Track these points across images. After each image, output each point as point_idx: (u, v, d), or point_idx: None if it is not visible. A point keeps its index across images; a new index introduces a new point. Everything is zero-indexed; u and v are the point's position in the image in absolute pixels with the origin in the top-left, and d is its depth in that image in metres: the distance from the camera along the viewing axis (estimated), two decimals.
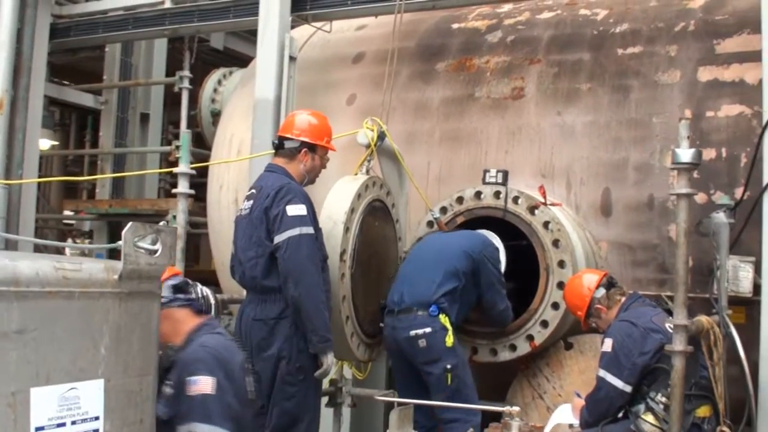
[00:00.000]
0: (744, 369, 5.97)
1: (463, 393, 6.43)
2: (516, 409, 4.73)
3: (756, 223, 6.31)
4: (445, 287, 6.51)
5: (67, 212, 14.45)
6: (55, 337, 3.10)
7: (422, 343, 6.40)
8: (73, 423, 3.12)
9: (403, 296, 6.56)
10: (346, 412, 7.32)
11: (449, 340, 6.42)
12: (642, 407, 5.58)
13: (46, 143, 13.66)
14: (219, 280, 9.24)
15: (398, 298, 6.58)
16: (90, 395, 3.19)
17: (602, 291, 6.18)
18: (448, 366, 6.36)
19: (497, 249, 6.94)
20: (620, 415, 5.74)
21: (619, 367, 5.62)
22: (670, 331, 5.44)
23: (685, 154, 5.06)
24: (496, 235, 7.04)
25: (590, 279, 6.29)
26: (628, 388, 5.61)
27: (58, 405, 3.09)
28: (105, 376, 3.26)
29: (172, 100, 14.06)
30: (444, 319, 6.44)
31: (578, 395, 6.20)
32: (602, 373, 5.70)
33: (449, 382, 6.37)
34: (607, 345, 5.72)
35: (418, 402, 6.02)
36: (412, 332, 6.42)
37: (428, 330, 6.38)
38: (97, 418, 3.21)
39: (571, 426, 5.94)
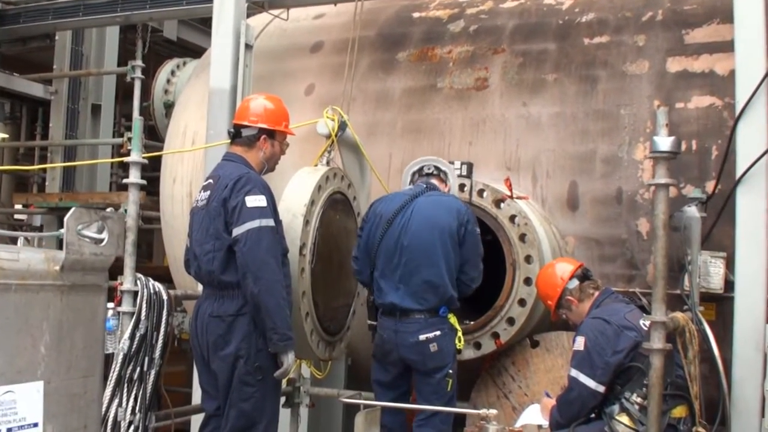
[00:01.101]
0: (717, 367, 5.87)
1: (454, 401, 6.12)
2: (493, 412, 4.52)
3: (727, 218, 6.23)
4: (451, 283, 6.06)
5: (17, 206, 14.14)
6: None
7: (433, 347, 5.97)
8: (9, 430, 2.86)
9: (404, 297, 6.06)
10: (303, 412, 7.21)
11: (459, 342, 6.09)
12: (616, 408, 5.42)
13: None
14: (172, 276, 9.01)
15: (397, 298, 6.08)
16: (28, 399, 2.96)
17: (575, 282, 6.00)
18: (450, 371, 6.02)
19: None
20: (593, 415, 5.59)
21: (592, 367, 5.44)
22: (645, 328, 5.26)
23: (664, 142, 4.88)
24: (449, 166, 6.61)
25: (564, 268, 6.11)
26: (600, 389, 5.44)
27: None
28: (45, 377, 3.04)
29: (124, 93, 13.78)
30: (453, 320, 6.10)
31: (548, 395, 6.04)
32: (574, 372, 5.52)
33: (449, 388, 6.01)
34: (579, 343, 5.53)
35: (385, 404, 5.81)
36: (422, 336, 5.98)
37: (438, 333, 5.99)
38: (36, 425, 2.97)
39: (540, 427, 5.76)
